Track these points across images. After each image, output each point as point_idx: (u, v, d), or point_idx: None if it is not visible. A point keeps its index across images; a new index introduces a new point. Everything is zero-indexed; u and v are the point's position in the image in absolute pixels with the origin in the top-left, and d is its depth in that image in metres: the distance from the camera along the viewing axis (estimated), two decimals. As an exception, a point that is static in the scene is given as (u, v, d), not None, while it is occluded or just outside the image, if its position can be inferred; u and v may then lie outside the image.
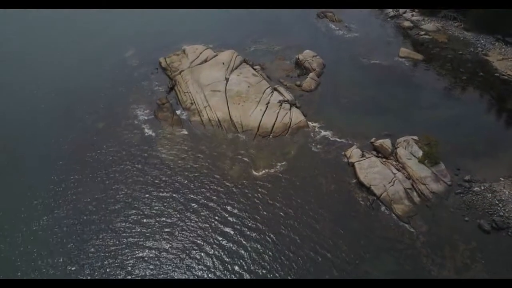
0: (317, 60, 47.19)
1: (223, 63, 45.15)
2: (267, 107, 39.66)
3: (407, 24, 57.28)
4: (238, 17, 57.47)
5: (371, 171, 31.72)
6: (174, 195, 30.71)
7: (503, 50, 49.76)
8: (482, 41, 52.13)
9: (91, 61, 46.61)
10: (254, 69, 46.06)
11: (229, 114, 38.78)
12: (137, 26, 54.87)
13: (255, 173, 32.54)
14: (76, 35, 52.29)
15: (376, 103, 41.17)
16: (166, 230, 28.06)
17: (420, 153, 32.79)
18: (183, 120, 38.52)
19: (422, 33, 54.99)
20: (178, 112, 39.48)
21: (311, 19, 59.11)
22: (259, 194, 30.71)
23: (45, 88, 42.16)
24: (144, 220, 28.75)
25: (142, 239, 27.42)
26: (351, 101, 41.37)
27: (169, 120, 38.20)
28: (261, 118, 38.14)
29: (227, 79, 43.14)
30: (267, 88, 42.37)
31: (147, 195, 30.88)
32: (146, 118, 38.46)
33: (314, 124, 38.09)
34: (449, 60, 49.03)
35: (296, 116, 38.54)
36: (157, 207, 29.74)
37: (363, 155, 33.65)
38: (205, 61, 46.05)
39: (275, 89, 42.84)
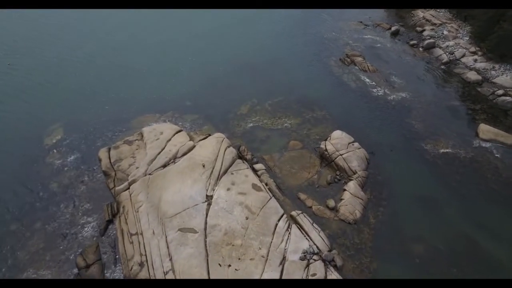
0: (357, 153, 29.03)
1: (203, 165, 26.71)
2: (282, 271, 21.37)
3: (473, 76, 39.55)
4: (228, 66, 39.10)
5: None
6: None
7: None
8: None
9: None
10: (255, 171, 27.80)
11: (212, 294, 20.29)
12: (76, 78, 35.97)
13: None
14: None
15: (472, 253, 23.22)
16: None
17: None
18: (121, 313, 19.83)
19: (499, 92, 37.26)
20: (114, 288, 20.81)
21: (332, 67, 40.98)
22: None
23: None
24: None
25: None
26: (430, 251, 23.26)
27: (93, 315, 19.53)
28: (273, 308, 19.79)
29: (208, 200, 24.76)
30: (279, 220, 24.14)
31: None
32: (48, 310, 19.69)
33: (374, 319, 19.87)
34: (559, 146, 31.46)
35: (340, 300, 20.28)
36: None
37: None
38: (174, 158, 27.56)
39: (294, 220, 24.67)
